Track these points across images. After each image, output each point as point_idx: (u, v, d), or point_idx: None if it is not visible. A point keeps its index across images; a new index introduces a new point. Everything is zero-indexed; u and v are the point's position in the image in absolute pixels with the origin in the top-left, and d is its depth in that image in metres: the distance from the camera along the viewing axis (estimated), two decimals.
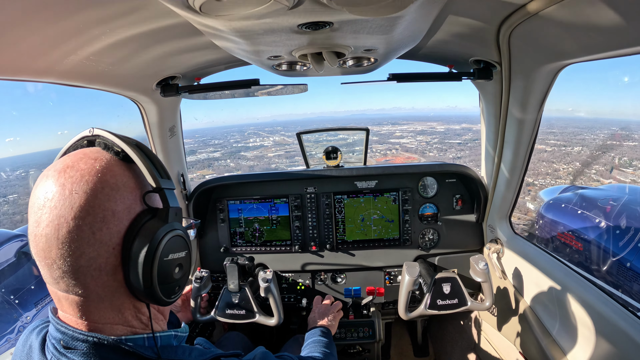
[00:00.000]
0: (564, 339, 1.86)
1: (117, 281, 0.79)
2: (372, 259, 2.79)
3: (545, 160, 21.05)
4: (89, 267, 0.75)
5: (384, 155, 36.04)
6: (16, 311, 4.05)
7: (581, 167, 17.37)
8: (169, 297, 0.87)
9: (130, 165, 0.84)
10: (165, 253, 0.82)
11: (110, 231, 0.76)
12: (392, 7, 0.94)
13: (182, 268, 0.90)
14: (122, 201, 0.78)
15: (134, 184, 0.82)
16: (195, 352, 0.92)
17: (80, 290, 0.77)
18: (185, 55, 1.81)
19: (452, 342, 3.16)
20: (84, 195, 0.74)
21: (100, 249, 0.75)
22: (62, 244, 0.72)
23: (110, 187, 0.77)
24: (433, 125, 42.89)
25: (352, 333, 2.68)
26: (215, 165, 34.54)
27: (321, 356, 1.73)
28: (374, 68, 1.94)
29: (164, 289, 0.83)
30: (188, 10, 0.96)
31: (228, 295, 2.24)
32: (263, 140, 42.46)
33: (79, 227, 0.73)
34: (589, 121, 26.18)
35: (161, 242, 0.81)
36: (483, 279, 2.16)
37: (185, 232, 0.91)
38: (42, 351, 0.83)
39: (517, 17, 1.36)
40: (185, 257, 0.90)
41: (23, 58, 1.21)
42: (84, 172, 0.76)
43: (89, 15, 1.12)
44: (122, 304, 0.83)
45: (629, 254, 3.75)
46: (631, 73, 54.46)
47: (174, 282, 0.87)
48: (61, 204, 0.73)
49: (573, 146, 21.93)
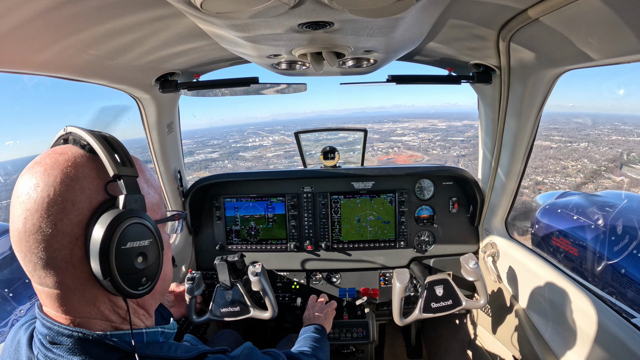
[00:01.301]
0: (556, 342, 1.87)
1: (85, 273, 0.78)
2: (368, 260, 2.79)
3: (552, 157, 20.79)
4: (55, 259, 0.75)
5: (385, 154, 35.61)
6: (10, 304, 4.03)
7: (591, 165, 17.05)
8: (135, 288, 0.83)
9: (95, 157, 0.83)
10: (122, 242, 0.79)
11: (71, 222, 0.76)
12: (392, 9, 0.94)
13: (147, 257, 0.85)
14: (82, 191, 0.78)
15: (96, 174, 0.81)
16: (181, 348, 0.92)
17: (52, 283, 0.77)
18: (184, 52, 1.81)
19: (446, 344, 3.17)
20: (45, 187, 0.75)
21: (64, 239, 0.75)
22: (28, 237, 0.74)
23: (70, 178, 0.77)
24: (434, 122, 42.51)
25: (346, 333, 2.68)
26: (212, 166, 34.26)
27: (309, 350, 1.73)
28: (374, 69, 1.94)
29: (127, 280, 0.81)
30: (189, 7, 0.96)
31: (221, 293, 2.24)
32: (262, 140, 42.25)
33: (41, 219, 0.73)
34: (590, 116, 26.00)
35: (116, 229, 0.78)
36: (475, 278, 2.16)
37: (150, 220, 0.86)
38: (30, 347, 0.84)
39: (517, 22, 1.36)
40: (149, 245, 0.86)
41: (23, 51, 1.20)
42: (47, 166, 0.77)
43: (89, 9, 1.11)
44: (95, 298, 0.82)
45: (624, 260, 3.77)
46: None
47: (137, 272, 0.83)
48: (27, 199, 0.75)
49: (579, 142, 21.59)
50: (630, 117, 26.56)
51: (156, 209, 0.96)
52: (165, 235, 1.02)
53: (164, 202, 1.13)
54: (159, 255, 0.90)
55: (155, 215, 0.95)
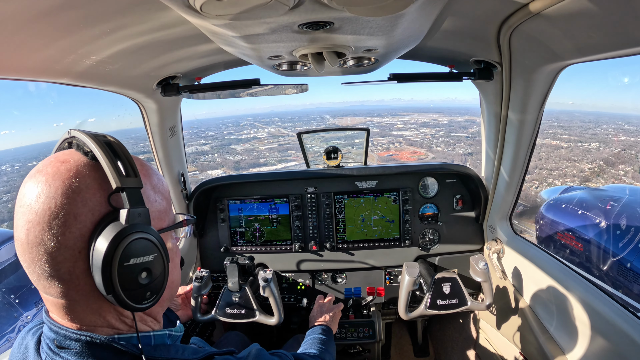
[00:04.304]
0: (562, 337, 1.86)
1: (89, 285, 0.77)
2: (373, 259, 2.79)
3: (565, 158, 20.45)
4: (59, 271, 0.74)
5: (386, 150, 34.78)
6: (16, 310, 4.05)
7: (608, 169, 16.60)
8: (139, 302, 0.81)
9: (100, 165, 0.80)
10: (124, 258, 0.77)
11: (73, 235, 0.74)
12: (392, 7, 0.94)
13: (151, 273, 0.83)
14: (84, 203, 0.75)
15: (99, 185, 0.78)
16: (188, 350, 0.92)
17: (57, 293, 0.76)
18: (186, 55, 1.81)
19: (452, 342, 3.17)
20: (46, 199, 0.73)
21: (66, 253, 0.74)
22: (31, 249, 0.73)
23: (72, 190, 0.75)
24: (435, 117, 41.97)
25: (353, 333, 2.68)
26: (200, 161, 33.75)
27: (316, 352, 1.73)
28: (375, 68, 1.94)
29: (131, 296, 0.79)
30: (188, 10, 0.96)
31: (228, 294, 2.24)
32: (257, 131, 41.88)
33: (43, 232, 0.72)
34: (592, 114, 25.59)
35: (118, 246, 0.75)
36: (483, 279, 2.16)
37: (154, 234, 0.84)
38: (37, 351, 0.84)
39: (518, 17, 1.36)
40: (153, 260, 0.83)
41: (23, 57, 1.21)
42: (49, 175, 0.75)
43: (89, 14, 1.12)
44: (100, 308, 0.81)
45: (629, 254, 3.75)
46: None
47: (141, 287, 0.81)
48: (29, 209, 0.73)
49: (589, 142, 21.23)
50: (635, 117, 26.17)
51: (163, 216, 0.93)
52: (173, 240, 0.99)
53: (172, 206, 1.12)
54: (164, 269, 0.88)
55: (163, 223, 0.93)
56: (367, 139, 3.05)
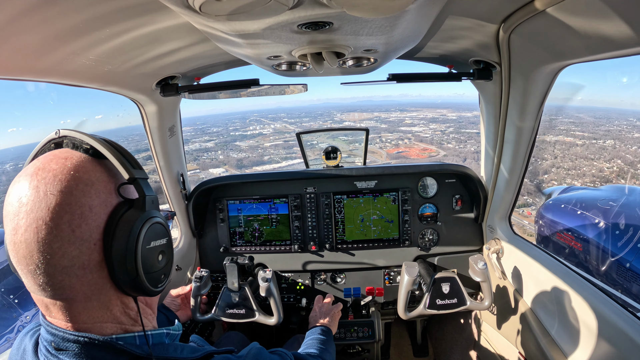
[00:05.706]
0: (563, 338, 1.86)
1: (103, 277, 0.79)
2: (372, 259, 2.79)
3: (582, 156, 20.01)
4: (72, 267, 0.74)
5: (395, 146, 33.91)
6: (15, 311, 4.05)
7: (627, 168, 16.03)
8: (156, 286, 0.88)
9: (101, 161, 0.84)
10: (147, 241, 0.83)
11: (89, 227, 0.76)
12: (391, 7, 0.94)
13: (165, 255, 0.91)
14: (98, 196, 0.78)
15: (107, 178, 0.83)
16: (187, 349, 0.92)
17: (67, 292, 0.76)
18: (185, 55, 1.81)
19: (452, 342, 3.17)
20: (59, 194, 0.73)
21: (82, 246, 0.75)
22: (43, 247, 0.72)
23: (85, 183, 0.77)
24: (443, 112, 41.07)
25: (352, 333, 2.67)
26: (202, 159, 33.46)
27: (316, 352, 1.74)
28: (374, 68, 1.94)
29: (150, 278, 0.85)
30: (188, 10, 0.96)
31: (228, 294, 2.24)
32: (263, 127, 41.58)
33: (58, 227, 0.72)
34: (602, 110, 25.19)
35: (141, 230, 0.82)
36: (482, 279, 2.16)
37: (164, 219, 0.91)
38: (35, 353, 0.83)
39: (517, 17, 1.36)
40: (166, 243, 0.91)
41: (23, 58, 1.21)
42: (56, 171, 0.75)
43: (88, 14, 1.11)
44: (109, 301, 0.83)
45: (628, 254, 3.76)
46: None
47: (158, 270, 0.88)
48: (37, 207, 0.72)
49: (604, 139, 20.77)
50: None
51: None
52: None
53: None
54: (172, 252, 0.95)
55: None
56: (367, 138, 3.05)
